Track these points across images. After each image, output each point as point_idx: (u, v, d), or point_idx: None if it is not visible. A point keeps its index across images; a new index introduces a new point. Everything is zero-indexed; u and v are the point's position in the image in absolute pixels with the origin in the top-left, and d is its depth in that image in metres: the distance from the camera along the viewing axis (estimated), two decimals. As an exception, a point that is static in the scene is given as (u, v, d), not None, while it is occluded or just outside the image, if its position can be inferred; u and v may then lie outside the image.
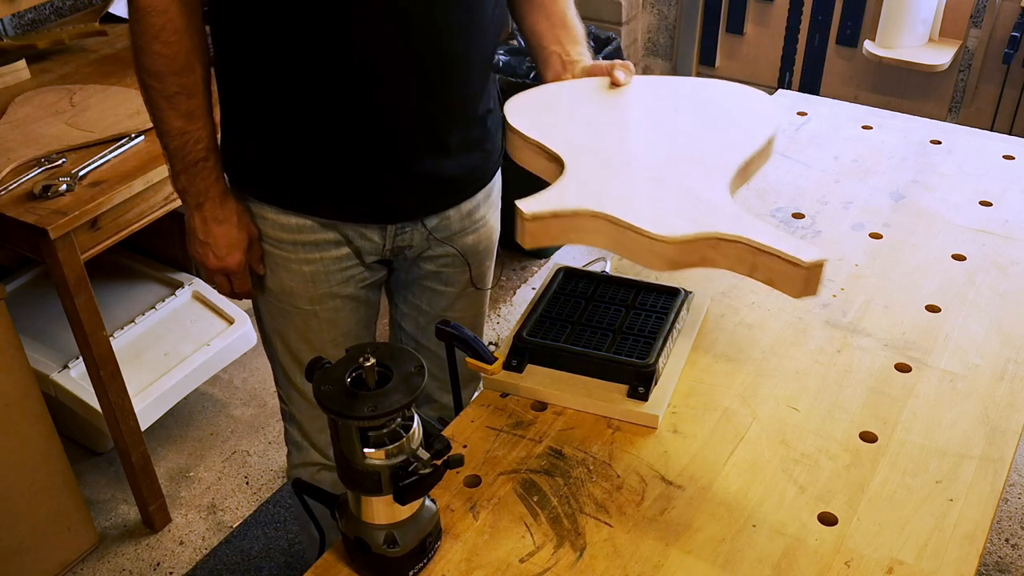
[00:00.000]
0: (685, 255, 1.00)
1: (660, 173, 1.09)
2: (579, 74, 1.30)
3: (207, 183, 1.28)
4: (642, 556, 0.97)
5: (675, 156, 1.12)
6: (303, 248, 1.34)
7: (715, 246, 0.99)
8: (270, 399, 2.49)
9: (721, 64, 3.23)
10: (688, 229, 0.99)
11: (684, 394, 1.17)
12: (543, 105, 1.24)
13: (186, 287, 2.35)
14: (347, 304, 1.40)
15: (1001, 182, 1.54)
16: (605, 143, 1.15)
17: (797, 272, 0.94)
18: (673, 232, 0.98)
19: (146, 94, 1.24)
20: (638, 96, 1.25)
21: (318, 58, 1.19)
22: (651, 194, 1.06)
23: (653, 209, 1.02)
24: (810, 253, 0.94)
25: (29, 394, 1.85)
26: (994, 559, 2.04)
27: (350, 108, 1.22)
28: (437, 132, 1.29)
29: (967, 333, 1.25)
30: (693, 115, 1.21)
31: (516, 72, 2.81)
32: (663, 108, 1.23)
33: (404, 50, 1.19)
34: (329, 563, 0.99)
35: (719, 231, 0.98)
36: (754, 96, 1.26)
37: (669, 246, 0.98)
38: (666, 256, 0.99)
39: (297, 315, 1.39)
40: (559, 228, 1.04)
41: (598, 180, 1.08)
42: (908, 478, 1.05)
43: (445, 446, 0.93)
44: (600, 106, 1.23)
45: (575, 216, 1.03)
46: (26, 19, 2.32)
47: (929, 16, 2.77)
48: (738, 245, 0.98)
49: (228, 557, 2.08)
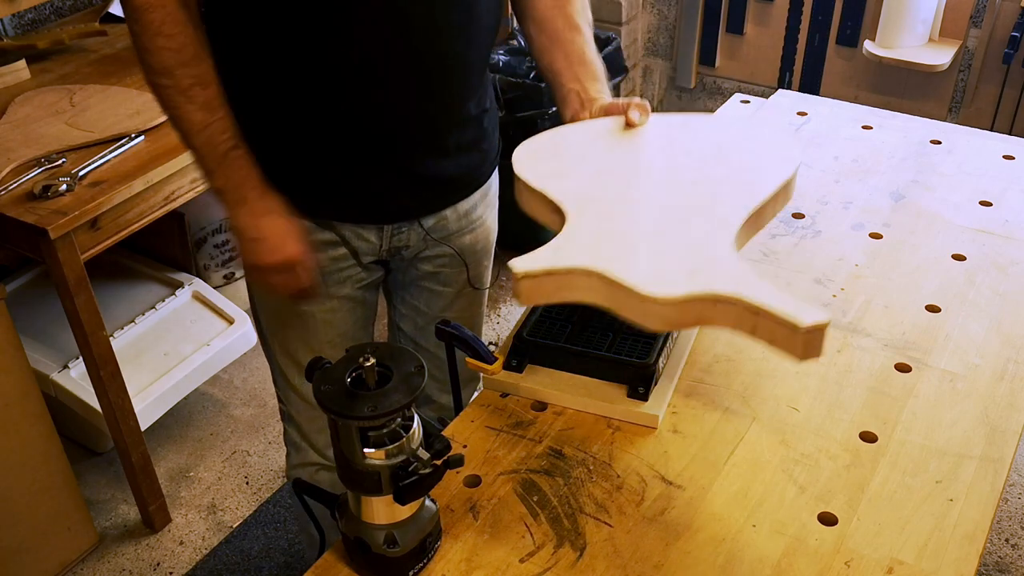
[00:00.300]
0: (682, 315, 0.96)
1: (663, 225, 1.06)
2: (597, 113, 1.26)
3: (243, 173, 1.22)
4: (642, 556, 0.97)
5: (682, 205, 1.09)
6: None
7: (713, 306, 0.95)
8: (270, 399, 2.49)
9: (721, 64, 3.23)
10: (684, 288, 0.95)
11: (684, 394, 1.17)
12: (553, 150, 1.21)
13: (186, 287, 2.35)
14: (344, 305, 1.40)
15: (1001, 182, 1.55)
16: (610, 192, 1.12)
17: (796, 335, 0.90)
18: (668, 291, 0.94)
19: (160, 95, 1.20)
20: (651, 138, 1.21)
21: (317, 59, 1.19)
22: (651, 249, 1.02)
23: (651, 266, 0.99)
24: (810, 315, 0.89)
25: (29, 394, 1.85)
26: (994, 559, 2.04)
27: (349, 108, 1.22)
28: (436, 132, 1.29)
29: (967, 333, 1.25)
30: (706, 159, 1.17)
31: (516, 72, 2.81)
32: (676, 152, 1.19)
33: (403, 50, 1.19)
34: (329, 563, 0.99)
35: (716, 290, 0.94)
36: (774, 137, 1.23)
37: (664, 307, 0.95)
38: (662, 316, 0.96)
39: (294, 316, 1.39)
40: (554, 285, 1.02)
41: (597, 234, 1.05)
42: (908, 478, 1.05)
43: (445, 446, 0.93)
44: (611, 151, 1.19)
45: (569, 274, 1.01)
46: (26, 19, 2.32)
47: (929, 16, 2.77)
48: (737, 305, 0.93)
49: (228, 557, 2.08)
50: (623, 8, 3.16)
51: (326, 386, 0.89)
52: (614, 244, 1.03)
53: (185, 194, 1.91)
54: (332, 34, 1.17)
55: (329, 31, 1.16)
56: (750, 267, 0.98)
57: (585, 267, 0.99)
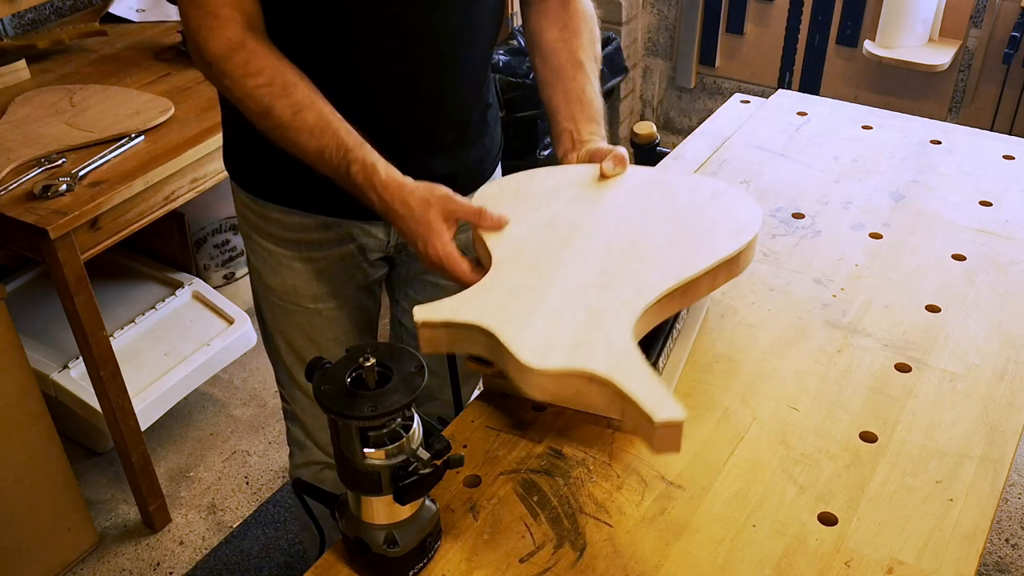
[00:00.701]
0: (559, 387, 0.95)
1: (575, 290, 1.04)
2: (583, 157, 1.24)
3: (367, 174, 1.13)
4: (642, 556, 0.97)
5: (608, 270, 1.07)
6: (307, 247, 1.35)
7: (588, 383, 0.94)
8: (270, 399, 2.49)
9: (721, 64, 3.23)
10: (562, 362, 0.94)
11: (684, 394, 1.17)
12: (516, 193, 1.19)
13: (186, 287, 2.35)
14: (350, 302, 1.40)
15: (1001, 182, 1.55)
16: (546, 247, 1.10)
17: (652, 427, 0.88)
18: (546, 363, 0.94)
19: (274, 138, 1.15)
20: (617, 192, 1.18)
21: (319, 62, 1.19)
22: (551, 315, 1.00)
23: (542, 333, 0.98)
24: (665, 411, 0.88)
25: (29, 394, 1.85)
26: (994, 559, 2.04)
27: (350, 112, 1.22)
28: (439, 132, 1.29)
29: (967, 333, 1.25)
30: (660, 221, 1.14)
31: (516, 72, 2.81)
32: (634, 210, 1.16)
33: (403, 55, 1.19)
34: (329, 563, 0.99)
35: (591, 369, 0.93)
36: (740, 200, 1.20)
37: (541, 378, 0.94)
38: (539, 386, 0.95)
39: (300, 314, 1.39)
40: (453, 337, 1.02)
41: (509, 290, 1.04)
42: (908, 478, 1.05)
43: (445, 446, 0.93)
44: (573, 201, 1.17)
45: (466, 328, 1.01)
46: (26, 19, 2.32)
47: (929, 16, 2.77)
48: (609, 387, 0.92)
49: (228, 557, 2.08)
50: (623, 8, 3.16)
51: (326, 386, 0.89)
52: (519, 304, 1.02)
53: (185, 194, 1.91)
54: (334, 41, 1.17)
55: (330, 38, 1.17)
56: (635, 349, 0.97)
57: (480, 324, 1.00)
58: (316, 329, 1.40)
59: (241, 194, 1.36)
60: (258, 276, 1.41)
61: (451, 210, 1.11)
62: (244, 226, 1.40)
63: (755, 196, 1.51)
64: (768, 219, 1.46)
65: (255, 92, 1.12)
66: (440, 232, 1.10)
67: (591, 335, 0.98)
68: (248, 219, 1.38)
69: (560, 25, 1.31)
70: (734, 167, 1.59)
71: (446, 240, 1.10)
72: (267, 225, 1.34)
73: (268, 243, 1.36)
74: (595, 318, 1.00)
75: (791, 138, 1.67)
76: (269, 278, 1.39)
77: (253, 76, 1.12)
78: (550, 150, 2.67)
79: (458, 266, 1.10)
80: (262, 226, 1.36)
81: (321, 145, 1.13)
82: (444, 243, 1.10)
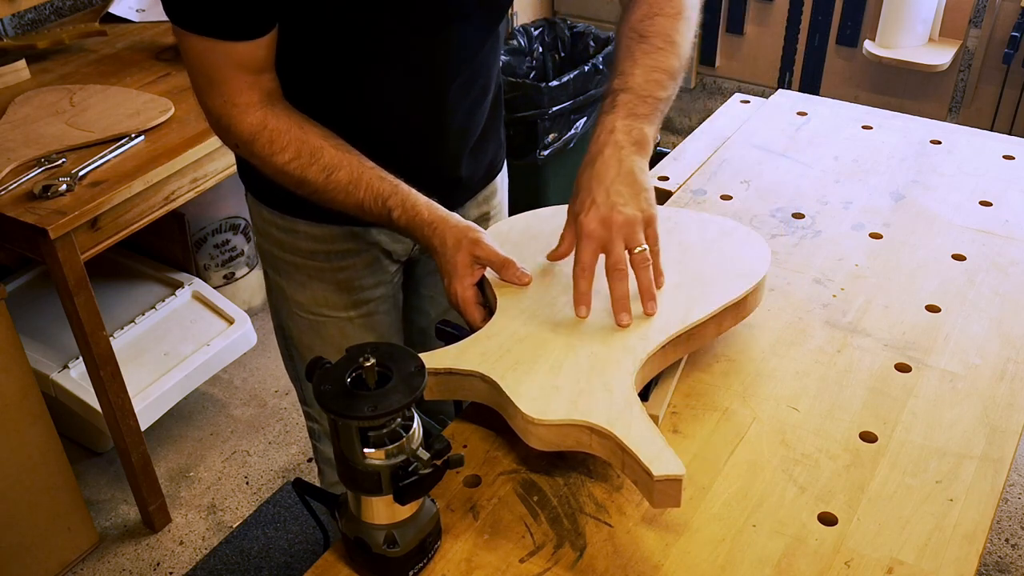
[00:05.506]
0: (560, 438, 0.97)
1: (578, 339, 1.04)
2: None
3: (409, 216, 1.15)
4: (642, 556, 0.97)
5: (612, 315, 1.07)
6: (335, 256, 1.35)
7: (589, 434, 0.95)
8: (270, 399, 2.49)
9: (721, 64, 3.23)
10: (563, 414, 0.95)
11: (684, 394, 1.17)
12: (521, 233, 1.20)
13: (186, 287, 2.35)
14: (380, 306, 1.41)
15: (1001, 182, 1.55)
16: (549, 293, 1.11)
17: (651, 481, 0.89)
18: (547, 414, 0.95)
19: (314, 199, 1.17)
20: None
21: (337, 100, 1.21)
22: (552, 364, 1.02)
23: (543, 383, 0.99)
24: (665, 467, 0.89)
25: (29, 394, 1.85)
26: (994, 559, 2.04)
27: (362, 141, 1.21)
28: (456, 147, 1.32)
29: (967, 333, 1.25)
30: (666, 262, 1.13)
31: (516, 72, 2.81)
32: None
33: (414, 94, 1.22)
34: (329, 563, 0.99)
35: (591, 421, 0.94)
36: (749, 242, 1.18)
37: (541, 428, 0.96)
38: (540, 437, 0.97)
39: (332, 324, 1.40)
40: (455, 384, 1.03)
41: (510, 338, 1.05)
42: (908, 478, 1.05)
43: (445, 446, 0.93)
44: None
45: (468, 376, 1.02)
46: (26, 19, 2.32)
47: (929, 16, 2.77)
48: (610, 439, 0.94)
49: (228, 557, 2.08)
50: (623, 8, 3.16)
51: (326, 386, 0.89)
52: (521, 352, 1.03)
53: (185, 194, 1.91)
54: (350, 80, 1.20)
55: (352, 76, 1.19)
56: (636, 400, 0.98)
57: (482, 373, 1.01)
58: (348, 338, 1.40)
59: (265, 211, 1.36)
60: (282, 293, 1.41)
61: (477, 256, 1.13)
62: (266, 243, 1.40)
63: (755, 196, 1.52)
64: (768, 219, 1.46)
65: (285, 168, 1.14)
66: (464, 276, 1.12)
67: (592, 384, 0.99)
68: (272, 236, 1.37)
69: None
70: (734, 167, 1.59)
71: (467, 285, 1.13)
72: (295, 240, 1.35)
73: (296, 257, 1.36)
74: (597, 365, 1.01)
75: (791, 138, 1.67)
76: (296, 293, 1.39)
77: (280, 153, 1.13)
78: (550, 150, 2.66)
79: (471, 313, 1.12)
80: (288, 241, 1.36)
81: (359, 200, 1.15)
82: (464, 288, 1.12)
